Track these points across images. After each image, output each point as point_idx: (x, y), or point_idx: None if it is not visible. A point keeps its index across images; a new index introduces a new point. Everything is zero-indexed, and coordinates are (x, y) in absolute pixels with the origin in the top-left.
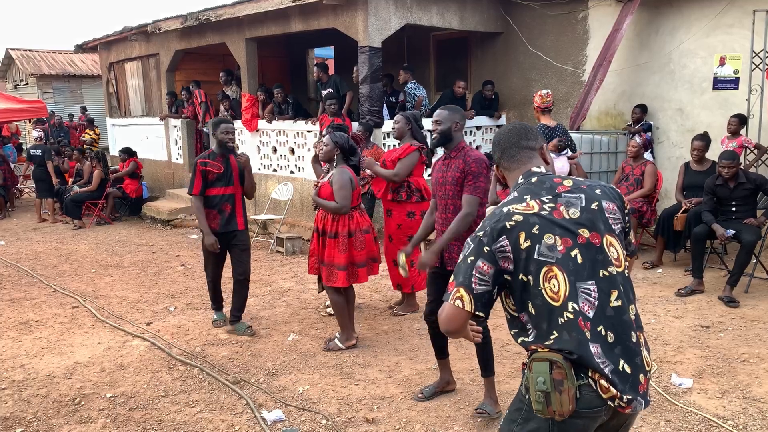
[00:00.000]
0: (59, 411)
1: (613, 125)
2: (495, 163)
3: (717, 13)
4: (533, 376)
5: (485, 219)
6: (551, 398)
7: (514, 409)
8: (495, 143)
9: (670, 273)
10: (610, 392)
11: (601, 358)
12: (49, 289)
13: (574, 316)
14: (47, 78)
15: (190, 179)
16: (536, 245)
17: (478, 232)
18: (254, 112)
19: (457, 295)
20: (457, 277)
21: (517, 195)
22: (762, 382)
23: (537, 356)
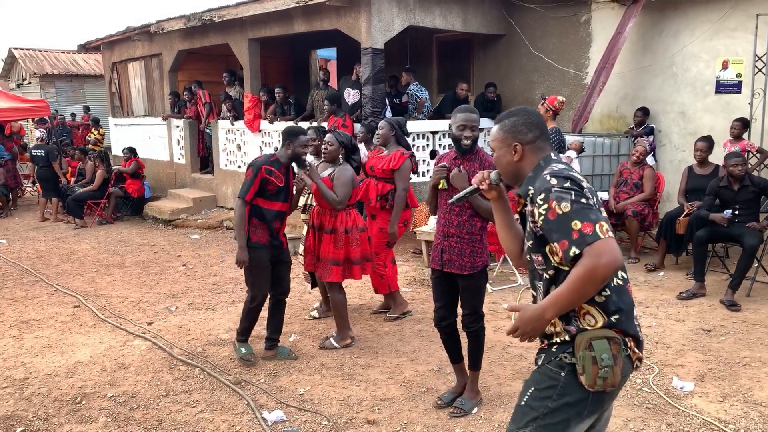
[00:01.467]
0: (60, 410)
1: (616, 128)
2: (526, 142)
3: (720, 16)
4: (596, 354)
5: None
6: (609, 372)
7: (545, 387)
8: (533, 123)
9: (671, 276)
10: (637, 355)
11: (636, 322)
12: (50, 288)
13: (623, 282)
14: (50, 77)
15: (246, 181)
16: (601, 211)
17: (563, 184)
18: (257, 113)
19: (605, 228)
20: (585, 217)
21: (564, 167)
22: (763, 386)
23: (593, 335)
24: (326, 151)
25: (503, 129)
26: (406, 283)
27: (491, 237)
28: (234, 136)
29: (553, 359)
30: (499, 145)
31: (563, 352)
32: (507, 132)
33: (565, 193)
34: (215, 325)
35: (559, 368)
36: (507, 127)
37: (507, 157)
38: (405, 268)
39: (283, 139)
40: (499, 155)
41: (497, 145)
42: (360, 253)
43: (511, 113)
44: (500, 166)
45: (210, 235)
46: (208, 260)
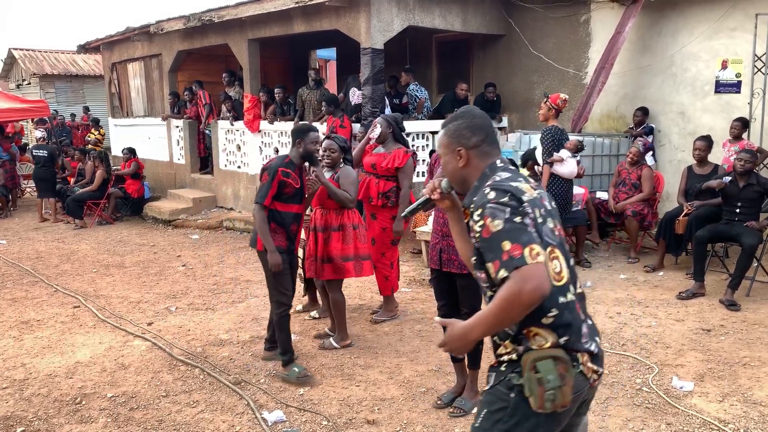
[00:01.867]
0: (60, 410)
1: (615, 128)
2: (470, 146)
3: (720, 16)
4: (540, 376)
5: (492, 188)
6: (556, 393)
7: (496, 409)
8: (477, 126)
9: (671, 276)
10: (592, 370)
11: (587, 338)
12: (50, 289)
13: (574, 297)
14: (49, 78)
15: (263, 186)
16: (543, 225)
17: (500, 199)
18: (256, 113)
19: (535, 252)
20: (516, 239)
21: (511, 176)
22: (763, 386)
23: (537, 355)
24: (330, 159)
25: (447, 134)
26: (405, 283)
27: None
28: (234, 136)
29: (503, 380)
30: (445, 150)
31: (511, 372)
32: (451, 137)
33: (500, 210)
34: (215, 325)
35: (508, 389)
36: (451, 131)
37: (452, 163)
38: (405, 268)
39: (293, 139)
40: (445, 161)
41: (443, 151)
42: (367, 250)
43: (455, 116)
44: (447, 173)
45: (210, 236)
46: (207, 260)
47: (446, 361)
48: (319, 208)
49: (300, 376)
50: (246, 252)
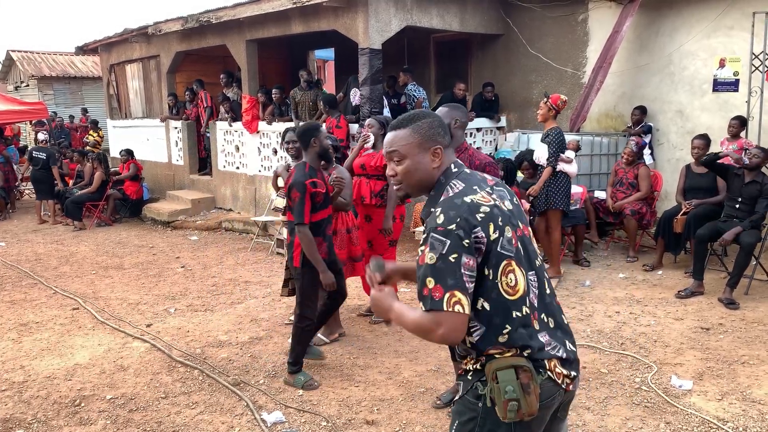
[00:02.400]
0: (59, 412)
1: (613, 127)
2: (444, 144)
3: (717, 15)
4: (500, 386)
5: (444, 211)
6: (521, 403)
7: (466, 420)
8: (444, 126)
9: (670, 275)
10: (563, 375)
11: (551, 344)
12: (49, 291)
13: (529, 310)
14: (48, 80)
15: (297, 205)
16: (500, 238)
17: (447, 226)
18: (255, 114)
19: (454, 300)
20: (441, 279)
21: (465, 185)
22: (762, 384)
23: (498, 365)
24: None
25: (420, 131)
26: (404, 283)
27: None
28: (232, 137)
29: (470, 389)
30: (416, 150)
31: (477, 381)
32: (425, 134)
33: (439, 242)
34: (214, 326)
35: (476, 399)
36: (424, 129)
37: (425, 163)
38: None
39: (305, 141)
40: (414, 162)
41: (411, 150)
42: (361, 251)
43: (417, 115)
44: (412, 176)
45: (209, 237)
46: (206, 262)
47: (445, 360)
48: None
49: (306, 384)
50: (245, 253)
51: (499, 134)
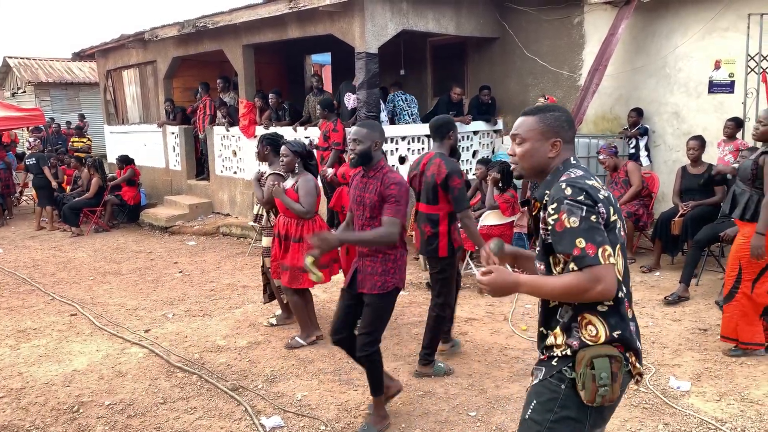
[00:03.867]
0: (57, 419)
1: (610, 129)
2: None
3: (712, 16)
4: (595, 372)
5: (569, 184)
6: (608, 389)
7: (546, 399)
8: (571, 122)
9: (667, 276)
10: (637, 368)
11: (635, 337)
12: (47, 297)
13: (624, 296)
14: (45, 86)
15: (461, 193)
16: (617, 222)
17: (577, 196)
18: (252, 119)
19: (608, 253)
20: (590, 238)
21: (584, 173)
22: (760, 385)
23: (594, 353)
24: (283, 164)
25: (545, 121)
26: None
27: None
28: (229, 142)
29: (555, 372)
30: (537, 137)
31: (564, 366)
32: (550, 125)
33: (577, 207)
34: (212, 331)
35: (559, 381)
36: (550, 120)
37: (542, 151)
38: None
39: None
40: (533, 148)
41: (534, 136)
42: (328, 258)
43: (549, 108)
44: (528, 159)
45: (206, 242)
46: (204, 266)
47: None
48: (282, 215)
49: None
50: (243, 258)
51: (496, 137)
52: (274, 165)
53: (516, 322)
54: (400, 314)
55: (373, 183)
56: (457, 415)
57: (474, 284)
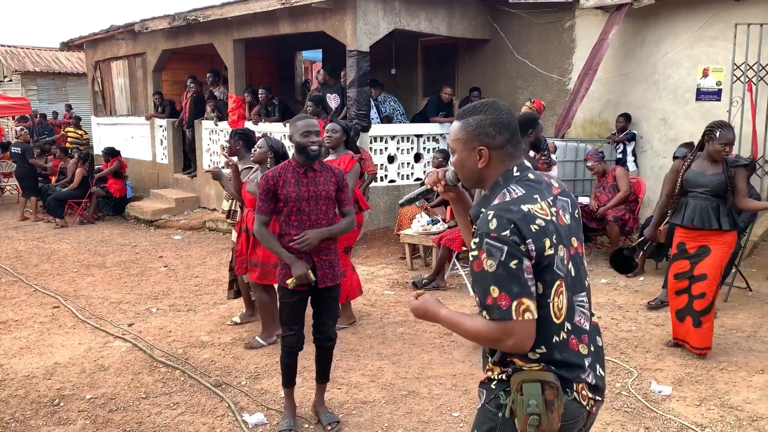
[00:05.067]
0: (38, 412)
1: (598, 134)
2: (494, 147)
3: (701, 25)
4: (524, 398)
5: (498, 216)
6: (542, 419)
7: (486, 429)
8: (503, 123)
9: (651, 281)
10: (589, 399)
11: (587, 370)
12: (29, 289)
13: (567, 335)
14: (31, 75)
15: None
16: (555, 255)
17: (500, 232)
18: (241, 114)
19: (523, 308)
20: (505, 287)
21: (525, 192)
22: (739, 391)
23: (525, 377)
24: (254, 153)
25: (466, 128)
26: (389, 285)
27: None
28: (218, 137)
29: (492, 398)
30: (462, 147)
31: (500, 391)
32: (470, 132)
33: (497, 249)
34: (196, 326)
35: (497, 408)
36: (472, 126)
37: (470, 162)
38: (388, 271)
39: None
40: (461, 158)
41: (459, 147)
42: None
43: (476, 108)
44: (462, 172)
45: (192, 236)
46: (189, 261)
47: (428, 364)
48: (252, 209)
49: None
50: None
51: None
52: (244, 160)
53: None
54: (385, 314)
55: (324, 175)
56: (440, 416)
57: (459, 285)
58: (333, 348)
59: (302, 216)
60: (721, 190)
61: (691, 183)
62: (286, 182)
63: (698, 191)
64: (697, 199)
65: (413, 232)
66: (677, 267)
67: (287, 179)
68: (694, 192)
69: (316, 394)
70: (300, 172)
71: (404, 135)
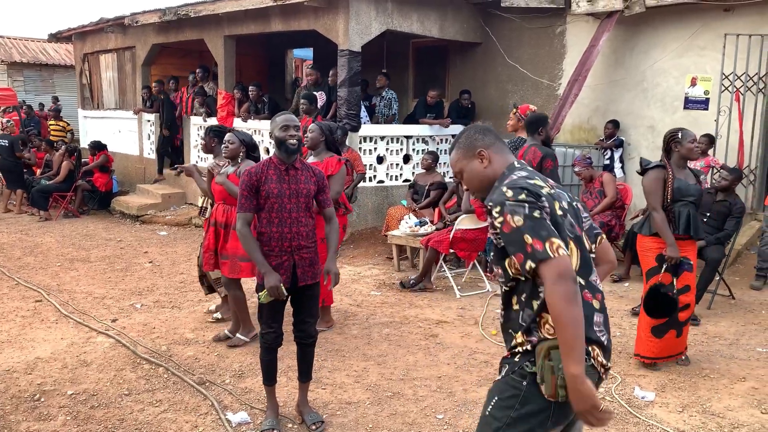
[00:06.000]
0: (18, 407)
1: (586, 139)
2: (488, 145)
3: (690, 34)
4: (553, 363)
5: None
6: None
7: (508, 396)
8: (485, 129)
9: (636, 287)
10: (601, 363)
11: (600, 328)
12: (11, 282)
13: (586, 288)
14: (18, 66)
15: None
16: (564, 218)
17: (518, 196)
18: (230, 110)
19: (555, 245)
20: (536, 234)
21: (527, 174)
22: (721, 398)
23: (552, 343)
24: (227, 149)
25: (460, 146)
26: (375, 286)
27: (461, 243)
28: None
29: (516, 369)
30: (465, 162)
31: (525, 361)
32: (465, 145)
33: (519, 206)
34: (181, 323)
35: (521, 377)
36: (463, 141)
37: (475, 168)
38: (375, 272)
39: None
40: (468, 173)
41: (463, 163)
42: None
43: (459, 134)
44: (474, 184)
45: (178, 232)
46: (175, 257)
47: (413, 365)
48: (221, 203)
49: None
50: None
51: None
52: (218, 157)
53: (486, 326)
54: (371, 314)
55: (305, 174)
56: (424, 418)
57: (445, 287)
58: (314, 346)
59: (283, 213)
60: (700, 199)
61: (682, 192)
62: (268, 178)
63: (688, 200)
64: (688, 207)
65: (401, 233)
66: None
67: (269, 176)
68: (684, 201)
69: (299, 394)
70: (282, 170)
71: (393, 136)
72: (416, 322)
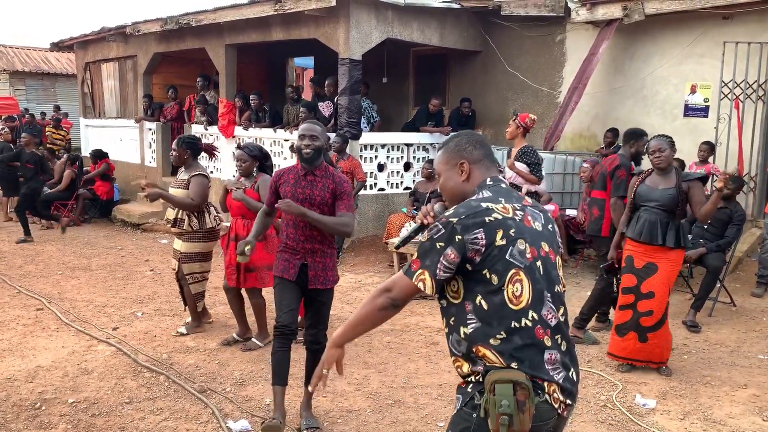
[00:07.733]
0: (19, 415)
1: (586, 147)
2: (473, 160)
3: (689, 42)
4: (496, 398)
5: (458, 207)
6: (514, 419)
7: (460, 429)
8: (478, 141)
9: None
10: (560, 401)
11: (555, 365)
12: (13, 290)
13: (532, 324)
14: (20, 75)
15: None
16: (510, 247)
17: (451, 218)
18: (231, 119)
19: (421, 277)
20: (423, 258)
21: (491, 194)
22: (723, 405)
23: (498, 377)
24: (241, 168)
25: (448, 150)
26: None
27: None
28: (207, 141)
29: (468, 400)
30: (445, 167)
31: (475, 392)
32: (452, 152)
33: (438, 229)
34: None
35: (471, 409)
36: (452, 146)
37: (453, 178)
38: (376, 279)
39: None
40: (445, 179)
41: (443, 168)
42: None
43: (454, 136)
44: (446, 192)
45: None
46: None
47: (414, 373)
48: (240, 218)
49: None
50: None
51: None
52: (191, 168)
53: None
54: None
55: (322, 181)
56: (425, 425)
57: None
58: (320, 352)
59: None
60: (671, 205)
61: (642, 197)
62: (285, 181)
63: (650, 205)
64: (649, 213)
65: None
66: (625, 281)
67: (288, 179)
68: (646, 206)
69: (303, 398)
70: (301, 175)
71: (394, 144)
72: (417, 329)
